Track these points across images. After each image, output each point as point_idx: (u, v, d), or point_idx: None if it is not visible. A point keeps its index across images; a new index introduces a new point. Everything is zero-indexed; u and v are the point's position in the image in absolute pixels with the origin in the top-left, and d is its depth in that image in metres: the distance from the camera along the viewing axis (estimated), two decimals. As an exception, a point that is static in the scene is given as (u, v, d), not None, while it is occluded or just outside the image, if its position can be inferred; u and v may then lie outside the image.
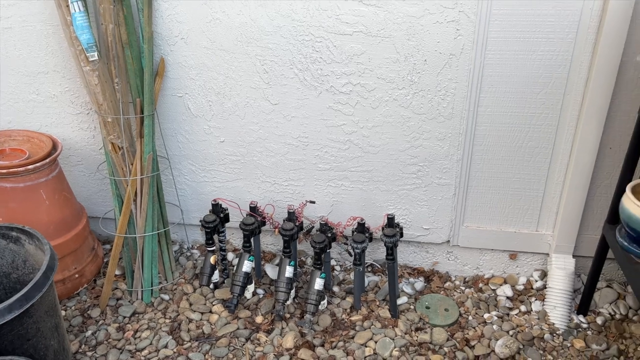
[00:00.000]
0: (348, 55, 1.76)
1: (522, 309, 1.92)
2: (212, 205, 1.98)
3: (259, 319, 1.89)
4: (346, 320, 1.89)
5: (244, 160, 2.02)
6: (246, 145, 1.99)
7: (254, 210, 1.99)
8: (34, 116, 2.05)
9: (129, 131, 1.88)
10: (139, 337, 1.82)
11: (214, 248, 1.97)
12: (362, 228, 1.90)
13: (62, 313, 1.88)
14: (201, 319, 1.90)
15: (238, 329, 1.85)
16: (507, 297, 1.97)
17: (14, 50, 1.93)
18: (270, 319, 1.88)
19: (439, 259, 2.11)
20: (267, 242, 2.22)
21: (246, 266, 1.92)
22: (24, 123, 2.07)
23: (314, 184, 2.02)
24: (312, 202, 2.04)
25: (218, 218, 1.96)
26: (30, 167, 1.74)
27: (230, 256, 2.20)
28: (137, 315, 1.92)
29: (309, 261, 2.17)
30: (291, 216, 1.95)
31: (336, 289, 2.03)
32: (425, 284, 2.05)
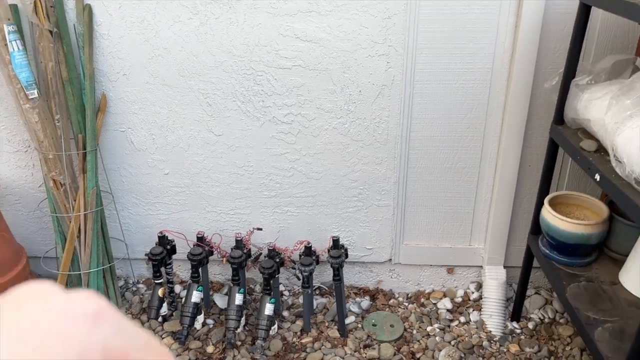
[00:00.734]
0: (288, 87, 1.85)
1: (462, 319, 2.04)
2: (159, 237, 1.98)
3: (210, 348, 1.90)
4: (297, 343, 1.93)
5: (189, 192, 2.05)
6: (191, 176, 2.02)
7: (201, 240, 2.01)
8: (-33, 155, 1.99)
9: (71, 167, 1.87)
10: (87, 376, 1.78)
11: (161, 280, 1.96)
12: (309, 251, 1.96)
13: None
14: (151, 353, 1.88)
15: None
16: (447, 310, 2.09)
17: (-54, 89, 1.89)
18: (221, 347, 1.90)
19: (382, 277, 2.20)
20: (214, 272, 2.24)
21: (195, 296, 1.93)
22: (-44, 163, 2.00)
23: (260, 211, 2.07)
24: (259, 229, 2.09)
25: (165, 250, 1.96)
26: (-33, 207, 1.69)
27: (177, 288, 2.20)
28: (83, 354, 1.87)
29: (257, 288, 2.20)
30: (239, 244, 1.99)
31: (286, 313, 2.08)
32: (371, 303, 2.13)
